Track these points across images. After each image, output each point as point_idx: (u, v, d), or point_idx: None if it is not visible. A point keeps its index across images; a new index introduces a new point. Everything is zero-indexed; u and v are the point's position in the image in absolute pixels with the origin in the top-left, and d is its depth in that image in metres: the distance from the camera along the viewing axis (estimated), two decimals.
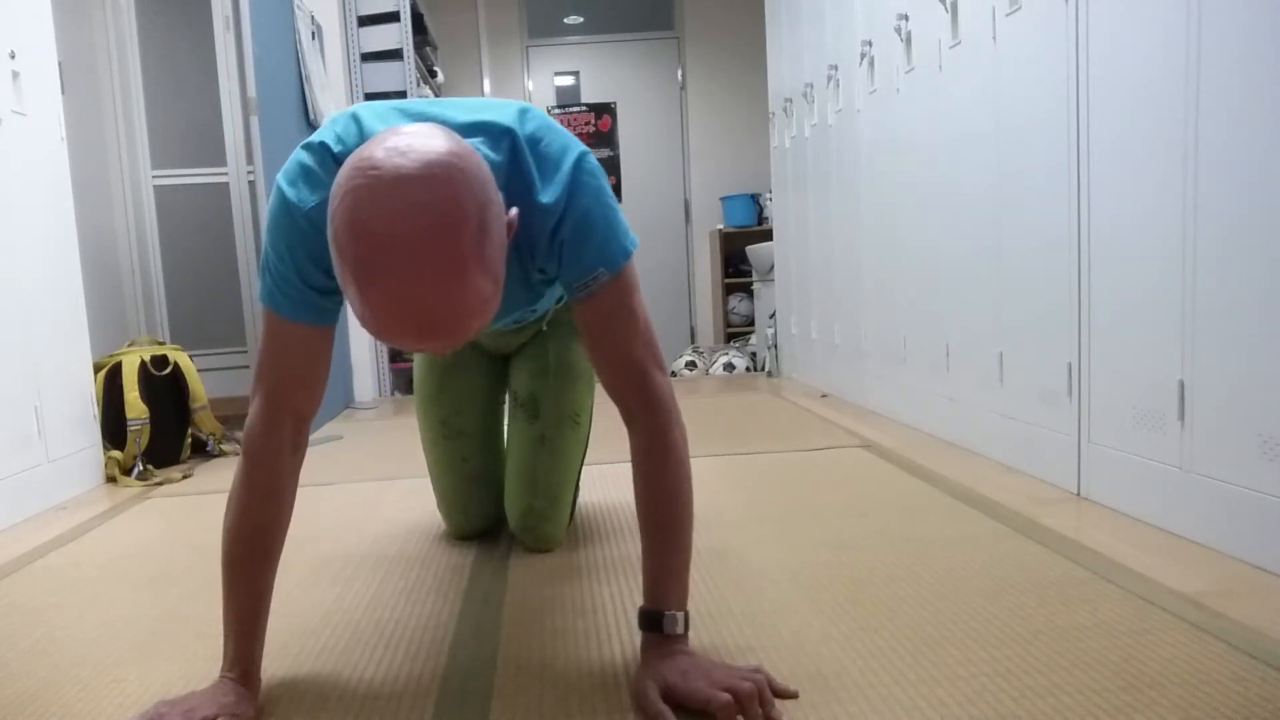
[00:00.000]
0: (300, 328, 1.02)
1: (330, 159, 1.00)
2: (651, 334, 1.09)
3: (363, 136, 1.00)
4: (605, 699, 1.00)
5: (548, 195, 1.01)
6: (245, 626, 1.00)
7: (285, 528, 1.05)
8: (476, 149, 0.94)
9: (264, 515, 1.02)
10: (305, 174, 1.00)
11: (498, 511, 1.65)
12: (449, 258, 0.77)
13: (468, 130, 1.00)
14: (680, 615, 1.01)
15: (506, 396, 1.65)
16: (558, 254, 1.03)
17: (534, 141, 1.03)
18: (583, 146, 1.06)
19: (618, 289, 1.05)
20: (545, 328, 1.57)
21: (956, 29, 2.19)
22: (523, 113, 1.05)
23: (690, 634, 1.04)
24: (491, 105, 1.06)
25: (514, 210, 0.89)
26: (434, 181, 0.78)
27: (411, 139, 0.81)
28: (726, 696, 0.91)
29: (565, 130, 1.07)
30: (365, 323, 0.80)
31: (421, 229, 0.76)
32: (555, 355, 1.55)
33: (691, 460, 1.09)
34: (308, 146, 1.01)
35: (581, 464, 1.62)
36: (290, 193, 0.99)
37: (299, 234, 0.99)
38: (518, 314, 1.34)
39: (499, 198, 0.84)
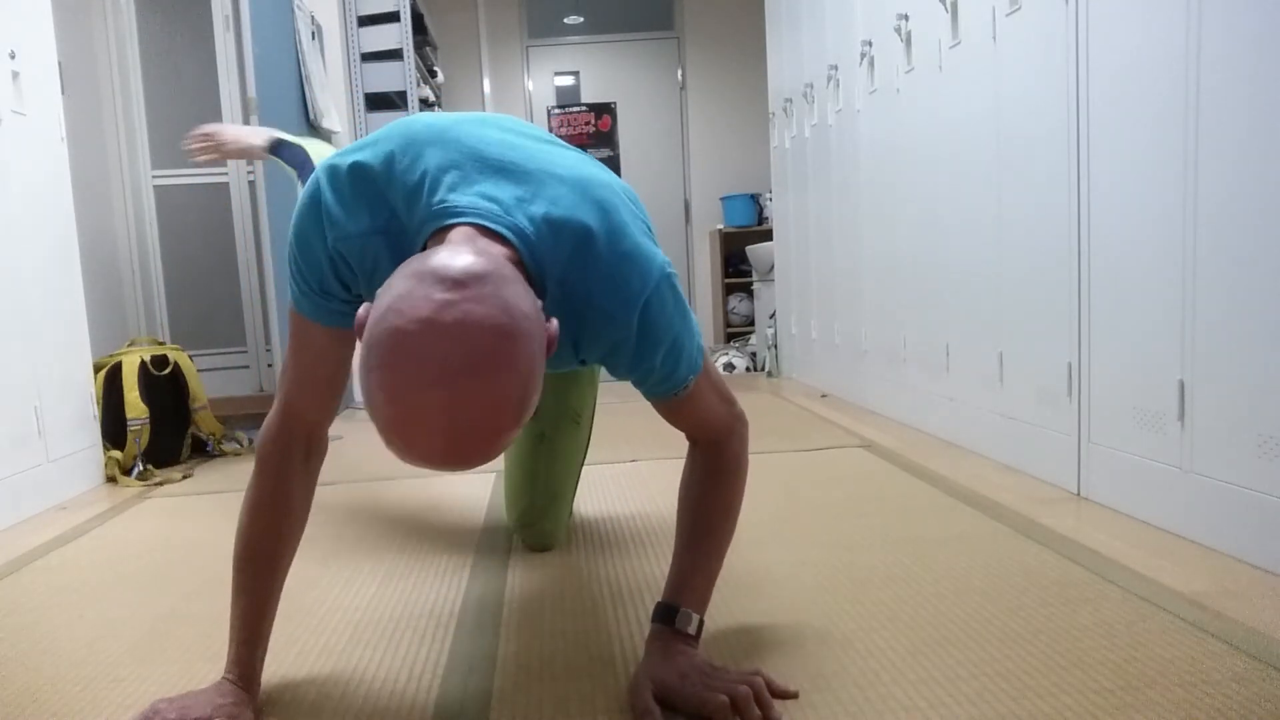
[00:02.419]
0: (319, 329, 1.00)
1: (374, 188, 0.93)
2: (720, 382, 1.09)
3: (422, 188, 0.91)
4: (605, 699, 1.00)
5: (616, 306, 0.93)
6: (248, 629, 1.00)
7: (294, 534, 1.04)
8: (542, 242, 0.89)
9: (271, 521, 1.02)
10: (346, 190, 0.94)
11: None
12: (488, 430, 0.75)
13: (542, 227, 0.90)
14: (695, 617, 1.02)
15: None
16: (639, 376, 1.00)
17: (609, 253, 0.93)
18: (661, 263, 0.96)
19: (702, 379, 1.04)
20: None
21: (956, 29, 2.19)
22: (608, 206, 0.95)
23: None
24: (569, 180, 0.95)
25: (554, 324, 0.82)
26: (480, 374, 0.73)
27: (461, 310, 0.74)
28: (722, 699, 0.92)
29: (645, 240, 0.97)
30: (389, 448, 0.78)
31: (462, 414, 0.73)
32: None
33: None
34: (355, 168, 0.94)
35: (582, 462, 1.62)
36: (329, 197, 0.94)
37: (322, 246, 0.95)
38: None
39: (543, 341, 0.79)
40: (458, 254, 0.78)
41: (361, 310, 0.78)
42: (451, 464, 0.76)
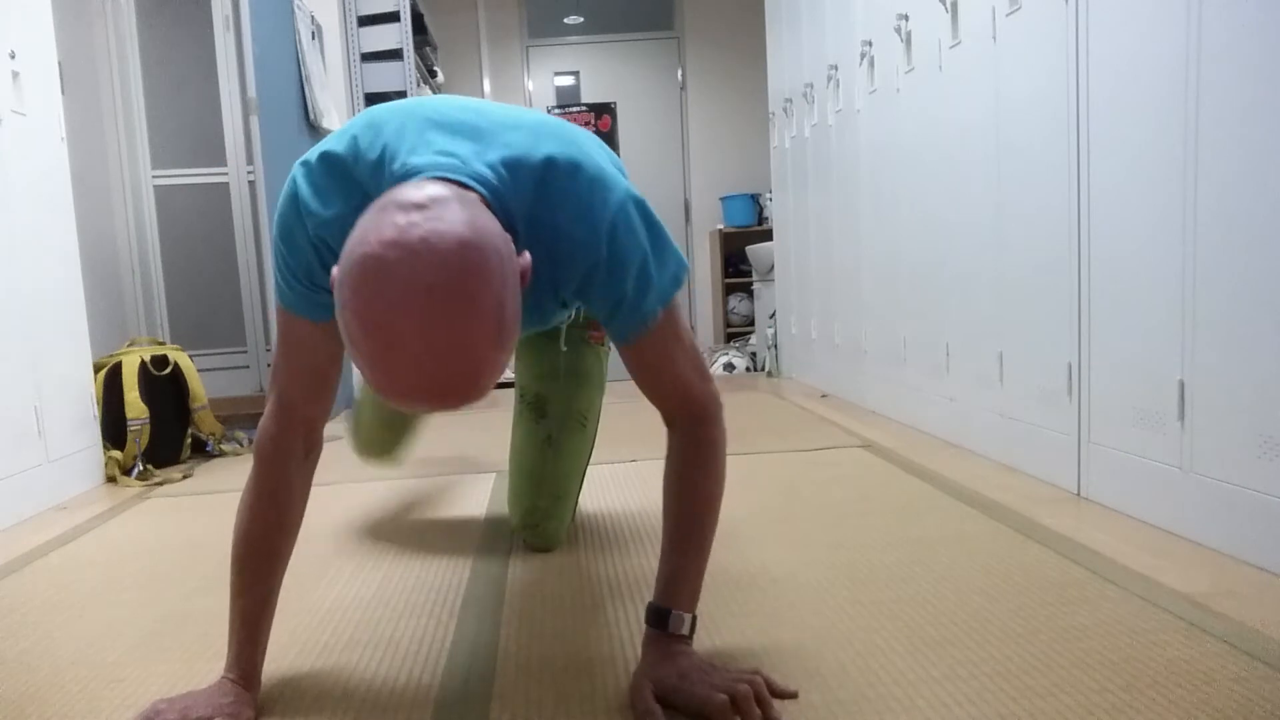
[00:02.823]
0: (309, 324, 1.00)
1: (345, 175, 0.96)
2: (695, 349, 1.07)
3: (383, 160, 0.94)
4: (605, 699, 1.00)
5: (584, 231, 0.95)
6: (248, 628, 1.00)
7: (293, 532, 1.04)
8: (504, 186, 0.91)
9: (270, 519, 1.02)
10: (319, 180, 0.96)
11: (406, 450, 1.78)
12: (467, 354, 0.75)
13: (501, 170, 0.92)
14: (687, 617, 1.01)
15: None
16: (611, 306, 0.99)
17: (569, 183, 0.95)
18: (623, 186, 0.98)
19: (669, 320, 1.02)
20: (564, 347, 1.55)
21: (956, 29, 2.19)
22: (553, 154, 0.95)
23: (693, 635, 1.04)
24: (525, 127, 0.97)
25: (526, 256, 0.84)
26: (451, 288, 0.74)
27: (425, 227, 0.75)
28: (723, 698, 0.92)
29: (606, 167, 0.98)
30: (377, 391, 0.79)
31: (439, 334, 0.74)
32: (565, 359, 1.54)
33: None
34: (324, 157, 0.97)
35: (586, 465, 1.62)
36: (304, 190, 0.96)
37: (305, 238, 0.97)
38: (532, 330, 1.31)
39: (515, 267, 0.80)
40: (420, 186, 0.81)
41: (334, 269, 0.79)
42: (436, 394, 0.76)
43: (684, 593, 1.02)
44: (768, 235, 4.64)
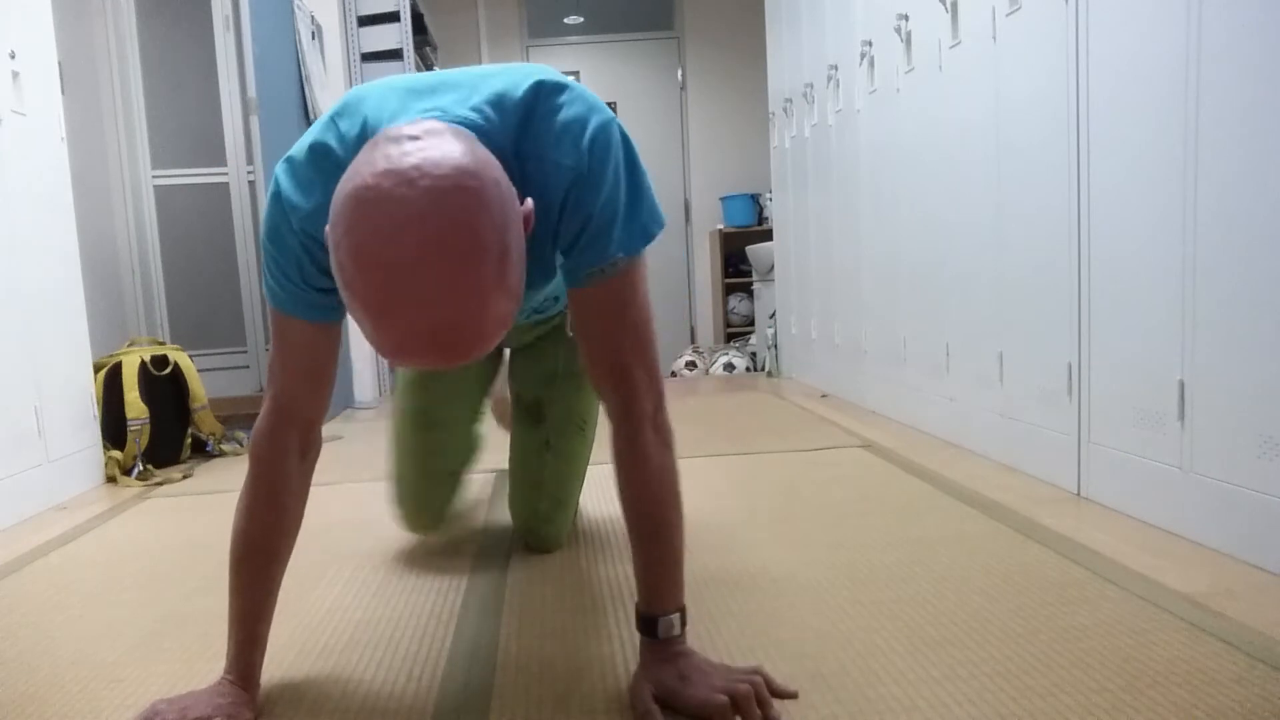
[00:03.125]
0: (304, 325, 0.98)
1: (331, 162, 0.93)
2: (648, 329, 1.01)
3: (365, 133, 0.92)
4: (605, 699, 1.00)
5: (567, 157, 0.91)
6: (247, 629, 1.00)
7: (290, 533, 1.03)
8: (491, 126, 0.89)
9: (267, 520, 1.01)
10: (302, 173, 0.94)
11: (452, 511, 1.57)
12: (470, 289, 0.71)
13: (485, 110, 0.90)
14: (675, 617, 0.99)
15: (509, 396, 1.63)
16: (575, 232, 0.94)
17: (553, 104, 0.92)
18: (609, 112, 0.95)
19: (629, 279, 0.97)
20: (570, 332, 1.51)
21: (956, 29, 2.19)
22: (540, 79, 0.94)
23: (690, 630, 1.03)
24: (507, 72, 0.95)
25: (529, 202, 0.81)
26: (450, 212, 0.70)
27: (418, 154, 0.73)
28: (723, 699, 0.91)
29: (592, 95, 0.97)
30: (375, 348, 0.75)
31: (439, 265, 0.70)
32: (565, 361, 1.52)
33: (692, 460, 1.09)
34: (307, 148, 0.95)
35: (586, 467, 1.61)
36: (286, 186, 0.94)
37: (292, 235, 0.95)
38: (539, 302, 1.27)
39: (517, 205, 0.77)
40: (413, 123, 0.78)
41: (326, 228, 0.76)
42: (437, 340, 0.71)
43: (665, 595, 0.99)
44: (768, 235, 4.64)
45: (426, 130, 0.76)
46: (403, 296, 0.70)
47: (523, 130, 0.91)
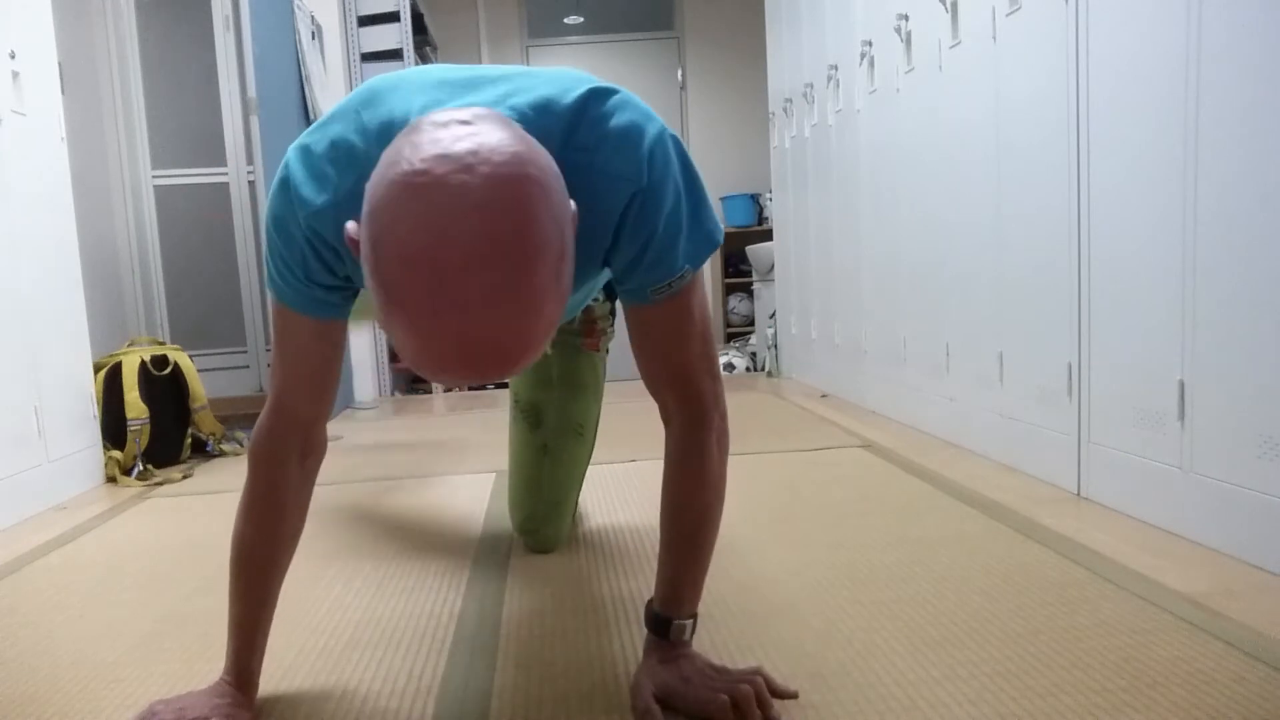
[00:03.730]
0: (307, 321, 0.93)
1: (351, 157, 0.85)
2: (711, 341, 0.99)
3: (392, 126, 0.84)
4: (605, 699, 1.00)
5: (623, 162, 0.85)
6: (246, 631, 0.98)
7: (290, 537, 1.00)
8: (534, 129, 0.79)
9: (266, 523, 0.98)
10: (317, 165, 0.87)
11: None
12: (529, 294, 0.63)
13: (528, 113, 0.83)
14: (688, 624, 1.00)
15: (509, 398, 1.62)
16: (638, 249, 0.88)
17: (604, 111, 0.86)
18: (661, 121, 0.89)
19: (694, 290, 0.93)
20: (548, 350, 1.48)
21: (956, 29, 2.19)
22: (593, 86, 0.87)
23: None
24: (554, 77, 0.88)
25: (572, 203, 0.72)
26: (510, 203, 0.63)
27: (473, 138, 0.65)
28: (723, 699, 0.92)
29: (643, 103, 0.90)
30: (414, 361, 0.66)
31: (499, 266, 0.62)
32: (559, 366, 1.51)
33: None
34: (333, 140, 0.87)
35: (585, 470, 1.61)
36: (298, 176, 0.87)
37: (298, 228, 0.88)
38: (573, 298, 1.19)
39: (569, 200, 0.71)
40: (456, 110, 0.70)
41: (350, 225, 0.69)
42: (487, 351, 0.63)
43: (684, 601, 1.00)
44: (768, 235, 4.64)
45: (477, 115, 0.68)
46: (454, 302, 0.62)
47: (570, 137, 0.84)
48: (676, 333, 0.96)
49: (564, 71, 0.90)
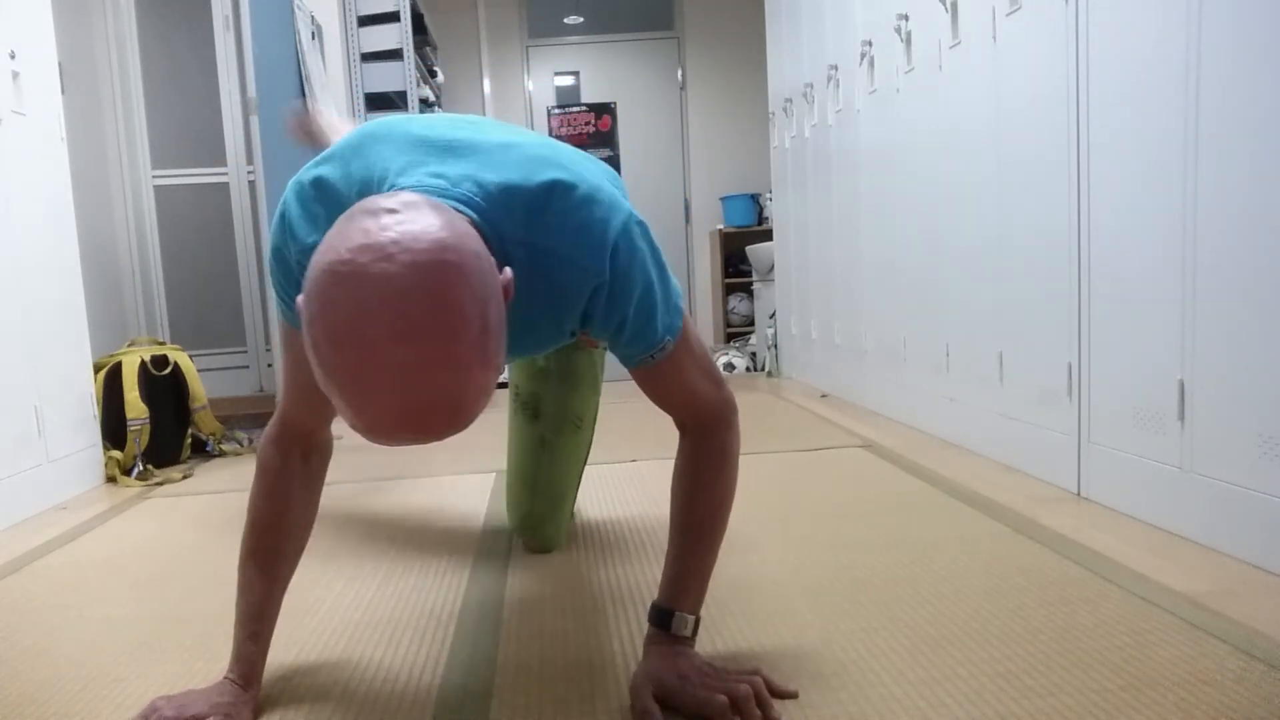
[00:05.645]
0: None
1: (335, 201, 0.92)
2: (705, 354, 1.04)
3: (371, 183, 0.90)
4: (605, 699, 1.00)
5: (585, 255, 0.89)
6: (248, 630, 1.01)
7: (296, 534, 1.05)
8: (494, 210, 0.86)
9: (271, 521, 1.03)
10: (308, 205, 0.93)
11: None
12: (450, 367, 0.68)
13: (493, 192, 0.88)
14: (691, 619, 1.01)
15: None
16: (613, 331, 0.94)
17: (569, 203, 0.89)
18: (626, 207, 0.93)
19: (680, 343, 0.99)
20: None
21: (956, 29, 2.19)
22: (556, 178, 0.90)
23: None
24: (524, 156, 0.91)
25: (508, 271, 0.77)
26: (429, 286, 0.68)
27: (397, 229, 0.70)
28: (722, 699, 0.92)
29: (609, 190, 0.93)
30: (352, 426, 0.71)
31: (419, 344, 0.67)
32: (557, 360, 1.53)
33: None
34: (316, 181, 0.94)
35: (583, 468, 1.61)
36: (293, 212, 0.93)
37: (292, 258, 0.94)
38: (525, 356, 1.24)
39: (497, 276, 0.75)
40: (392, 195, 0.76)
41: (299, 299, 0.73)
42: (416, 418, 0.69)
43: (689, 595, 1.02)
44: (768, 235, 4.64)
45: (404, 203, 0.74)
46: (378, 376, 0.68)
47: (533, 221, 0.89)
48: (675, 381, 1.01)
49: (536, 148, 0.93)
